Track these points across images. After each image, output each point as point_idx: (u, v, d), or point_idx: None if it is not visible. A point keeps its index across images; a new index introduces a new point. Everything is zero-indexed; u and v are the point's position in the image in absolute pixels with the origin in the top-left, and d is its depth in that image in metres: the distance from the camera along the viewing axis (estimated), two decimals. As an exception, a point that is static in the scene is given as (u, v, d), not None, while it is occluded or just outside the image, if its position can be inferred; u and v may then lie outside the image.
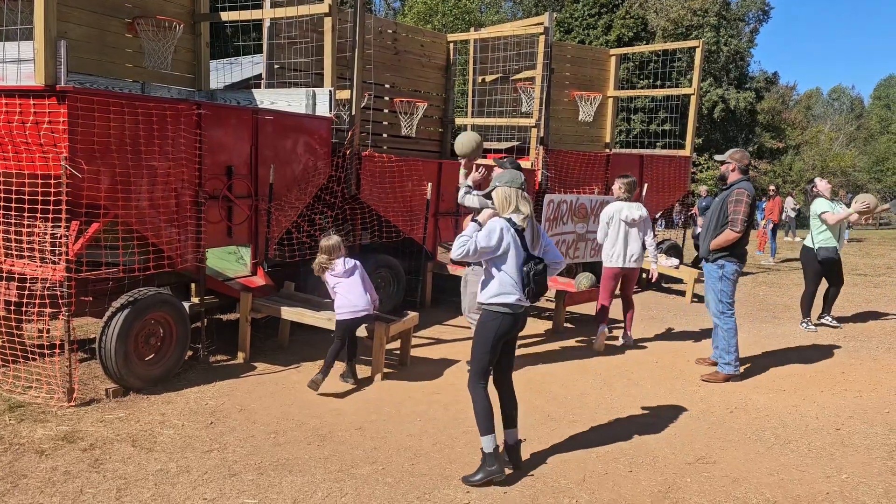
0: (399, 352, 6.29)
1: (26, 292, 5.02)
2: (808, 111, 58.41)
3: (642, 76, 27.82)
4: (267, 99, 7.50)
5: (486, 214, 4.06)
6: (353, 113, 7.47)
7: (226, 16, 7.76)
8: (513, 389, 4.21)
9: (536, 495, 3.86)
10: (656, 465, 4.30)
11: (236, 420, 4.82)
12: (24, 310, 5.09)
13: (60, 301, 4.90)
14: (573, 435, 4.73)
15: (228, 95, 8.08)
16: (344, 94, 7.49)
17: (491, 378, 4.18)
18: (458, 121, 11.23)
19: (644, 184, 10.37)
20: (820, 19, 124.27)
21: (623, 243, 6.93)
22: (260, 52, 8.55)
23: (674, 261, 10.62)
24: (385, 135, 9.71)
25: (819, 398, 5.68)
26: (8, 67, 5.34)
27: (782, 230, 20.31)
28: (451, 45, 10.72)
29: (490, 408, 3.99)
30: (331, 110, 7.10)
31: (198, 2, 7.91)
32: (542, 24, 9.91)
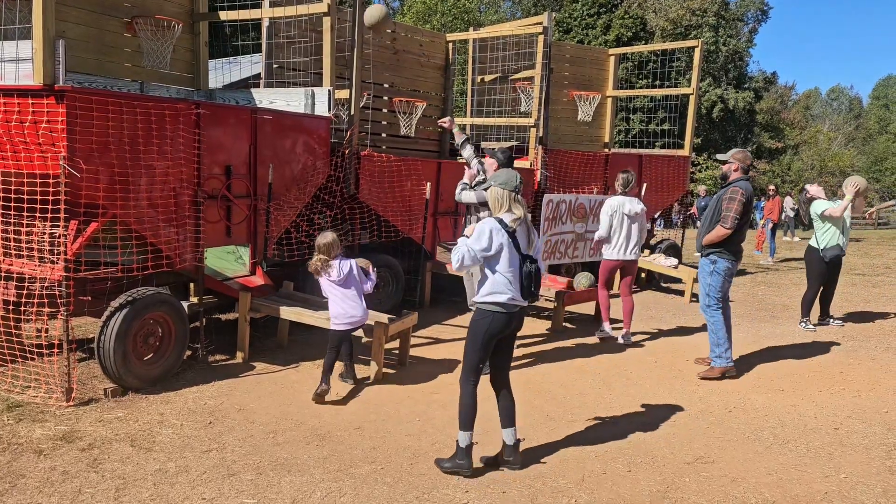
0: (398, 351, 6.29)
1: (25, 292, 5.00)
2: (807, 111, 58.40)
3: (641, 76, 27.84)
4: (266, 98, 7.49)
5: (469, 230, 4.11)
6: (351, 112, 7.47)
7: (224, 15, 7.76)
8: (510, 389, 4.22)
9: (535, 495, 3.87)
10: (655, 465, 4.30)
11: (235, 420, 4.82)
12: (23, 309, 5.08)
13: (59, 301, 4.89)
14: (572, 434, 4.73)
15: (227, 95, 8.07)
16: (343, 94, 7.49)
17: (489, 377, 4.20)
18: (457, 120, 11.20)
19: (643, 184, 10.38)
20: (819, 19, 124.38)
21: (625, 236, 7.11)
22: (259, 51, 8.53)
23: (672, 260, 10.62)
24: (384, 134, 9.70)
25: (817, 398, 5.69)
26: (6, 67, 5.34)
27: (781, 230, 20.32)
28: (450, 44, 10.70)
29: (474, 406, 4.05)
30: (330, 110, 7.10)
31: (196, 1, 7.91)
32: (541, 23, 9.92)
